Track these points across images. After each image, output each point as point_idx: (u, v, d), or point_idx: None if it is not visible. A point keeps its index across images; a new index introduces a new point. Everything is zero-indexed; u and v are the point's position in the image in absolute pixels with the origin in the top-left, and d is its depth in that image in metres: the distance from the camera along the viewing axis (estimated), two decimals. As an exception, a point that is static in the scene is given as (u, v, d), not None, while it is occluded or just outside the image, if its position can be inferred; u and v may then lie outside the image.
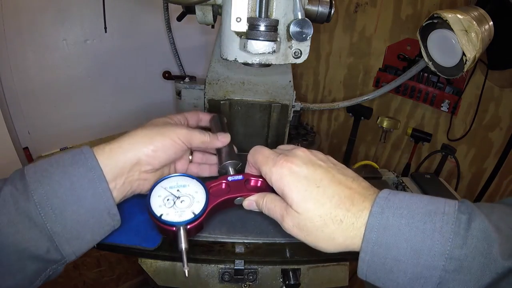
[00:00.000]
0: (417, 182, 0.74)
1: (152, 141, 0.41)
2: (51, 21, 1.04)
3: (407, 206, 0.32)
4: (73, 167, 0.36)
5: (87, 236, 0.37)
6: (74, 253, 0.37)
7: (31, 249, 0.33)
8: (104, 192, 0.37)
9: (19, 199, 0.34)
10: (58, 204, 0.34)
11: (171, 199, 0.40)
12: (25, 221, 0.33)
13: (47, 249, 0.34)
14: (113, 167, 0.38)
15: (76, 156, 0.37)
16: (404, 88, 1.27)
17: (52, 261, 0.35)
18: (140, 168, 0.41)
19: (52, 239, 0.34)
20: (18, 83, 1.03)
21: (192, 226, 0.39)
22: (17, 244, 0.33)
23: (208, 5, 0.55)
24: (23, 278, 0.34)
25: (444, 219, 0.30)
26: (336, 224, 0.34)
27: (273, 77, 0.73)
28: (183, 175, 0.44)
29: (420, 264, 0.30)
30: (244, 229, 0.52)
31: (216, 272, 0.58)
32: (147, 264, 0.58)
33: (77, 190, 0.35)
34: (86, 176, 0.36)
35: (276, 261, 0.58)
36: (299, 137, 1.41)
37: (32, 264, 0.34)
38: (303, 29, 0.44)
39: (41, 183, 0.34)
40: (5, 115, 0.98)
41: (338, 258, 0.62)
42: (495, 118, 1.11)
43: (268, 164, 0.38)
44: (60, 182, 0.35)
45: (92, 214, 0.36)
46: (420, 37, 0.75)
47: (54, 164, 0.36)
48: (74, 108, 1.17)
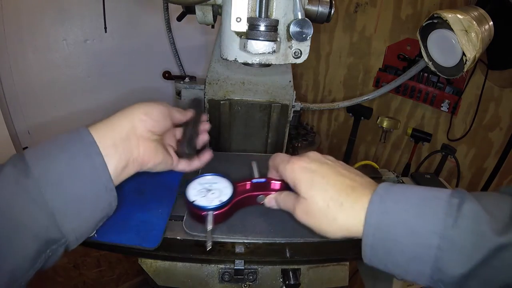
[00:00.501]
0: (417, 182, 0.74)
1: (142, 106, 0.45)
2: (51, 21, 1.04)
3: (403, 193, 0.36)
4: (70, 144, 0.38)
5: (86, 212, 0.37)
6: (73, 231, 0.37)
7: (30, 226, 0.34)
8: (101, 166, 0.38)
9: (19, 176, 0.34)
10: (57, 179, 0.35)
11: (204, 191, 0.51)
12: (25, 197, 0.34)
13: (47, 226, 0.35)
14: (109, 137, 0.40)
15: (73, 134, 0.39)
16: (404, 88, 1.27)
17: (52, 241, 0.35)
18: (137, 132, 0.43)
19: (51, 214, 0.35)
20: (18, 83, 1.03)
21: (218, 212, 0.48)
22: (18, 221, 0.33)
23: (208, 5, 0.55)
24: (24, 258, 0.34)
25: (437, 202, 0.33)
26: (337, 206, 0.38)
27: (273, 77, 0.73)
28: (215, 175, 0.54)
29: (416, 244, 0.32)
30: (244, 229, 0.52)
31: (216, 272, 0.58)
32: (147, 264, 0.58)
33: (74, 165, 0.36)
34: (83, 150, 0.37)
35: (276, 261, 0.58)
36: (299, 137, 1.41)
37: (33, 243, 0.34)
38: (303, 29, 0.44)
39: (39, 159, 0.36)
40: (5, 115, 0.98)
41: (338, 258, 0.62)
42: (495, 118, 1.11)
43: (284, 163, 0.45)
44: (58, 157, 0.36)
45: (90, 189, 0.37)
46: (420, 37, 0.75)
47: (52, 143, 0.38)
48: (74, 108, 1.17)
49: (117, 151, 0.40)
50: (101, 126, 0.41)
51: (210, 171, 0.56)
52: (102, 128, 0.41)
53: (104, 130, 0.41)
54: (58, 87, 1.11)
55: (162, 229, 0.51)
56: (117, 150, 0.40)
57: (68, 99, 1.15)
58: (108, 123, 0.42)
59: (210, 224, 0.47)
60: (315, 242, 0.53)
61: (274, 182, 0.53)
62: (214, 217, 0.48)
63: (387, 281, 0.72)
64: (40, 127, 1.11)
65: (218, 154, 0.73)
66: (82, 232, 0.38)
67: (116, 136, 0.41)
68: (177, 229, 0.52)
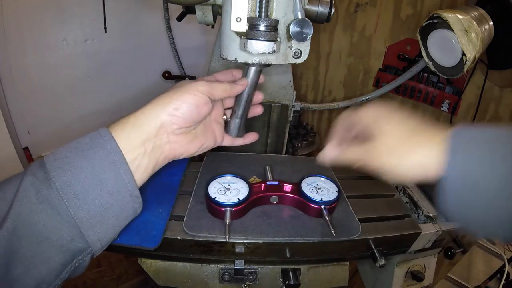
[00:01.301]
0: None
1: (171, 100, 0.40)
2: (51, 21, 1.04)
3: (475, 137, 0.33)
4: (93, 151, 0.35)
5: (111, 221, 0.36)
6: (99, 240, 0.36)
7: (54, 239, 0.33)
8: (126, 174, 0.36)
9: (41, 188, 0.33)
10: (81, 189, 0.34)
11: (223, 189, 0.55)
12: (48, 210, 0.33)
13: (72, 238, 0.33)
14: (136, 138, 0.38)
15: (95, 139, 0.36)
16: (404, 88, 1.26)
17: (78, 251, 0.34)
18: (167, 130, 0.40)
19: (76, 225, 0.33)
20: (18, 83, 1.03)
21: (236, 209, 0.52)
22: (40, 234, 0.32)
23: (208, 5, 0.55)
24: (48, 270, 0.33)
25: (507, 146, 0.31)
26: (411, 144, 0.36)
27: (273, 77, 0.73)
28: (233, 176, 0.59)
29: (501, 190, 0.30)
30: (244, 229, 0.52)
31: (216, 272, 0.58)
32: (147, 264, 0.58)
33: (98, 174, 0.35)
34: (107, 159, 0.35)
35: (276, 261, 0.58)
36: (299, 137, 1.40)
37: (57, 255, 0.33)
38: (303, 29, 0.44)
39: (62, 169, 0.34)
40: (5, 115, 0.98)
41: (338, 258, 0.62)
42: (495, 118, 1.11)
43: (354, 111, 0.44)
44: (81, 167, 0.34)
45: (115, 198, 0.36)
46: (420, 37, 0.75)
47: (73, 150, 0.36)
48: (74, 108, 1.17)
49: (145, 154, 0.38)
50: (126, 125, 0.38)
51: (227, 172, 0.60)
52: (127, 128, 0.38)
53: (129, 130, 0.38)
54: (58, 87, 1.11)
55: (162, 229, 0.51)
56: (145, 151, 0.38)
57: (68, 99, 1.15)
58: (134, 121, 0.39)
59: (229, 218, 0.51)
60: (315, 242, 0.53)
61: (286, 184, 0.59)
62: (231, 213, 0.52)
63: (387, 281, 0.72)
64: (40, 127, 1.11)
65: (218, 154, 0.73)
66: (107, 239, 0.37)
67: (143, 136, 0.38)
68: (177, 229, 0.52)
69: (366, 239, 0.56)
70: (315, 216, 0.56)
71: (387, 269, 0.72)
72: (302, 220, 0.55)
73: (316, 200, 0.55)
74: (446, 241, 0.68)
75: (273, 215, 0.56)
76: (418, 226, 0.61)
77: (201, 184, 0.62)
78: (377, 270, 0.77)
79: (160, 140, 0.40)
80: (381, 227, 0.58)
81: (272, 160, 0.71)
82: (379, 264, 0.55)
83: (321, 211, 0.54)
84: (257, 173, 0.66)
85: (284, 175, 0.66)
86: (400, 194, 0.72)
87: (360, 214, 0.59)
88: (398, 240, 0.59)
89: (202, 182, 0.62)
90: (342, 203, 0.60)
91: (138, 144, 0.38)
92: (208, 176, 0.60)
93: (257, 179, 0.64)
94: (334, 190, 0.58)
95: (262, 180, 0.60)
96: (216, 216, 0.54)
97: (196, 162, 0.71)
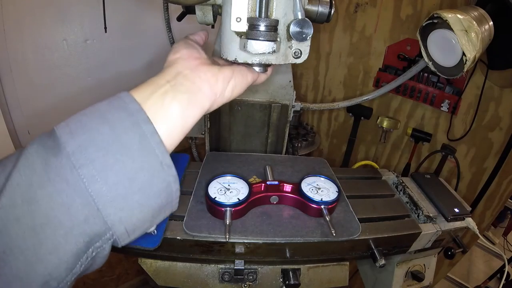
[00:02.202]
0: (417, 182, 0.74)
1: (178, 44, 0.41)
2: (51, 21, 1.04)
3: None
4: (112, 113, 0.29)
5: (136, 197, 0.28)
6: (121, 221, 0.28)
7: (63, 219, 0.25)
8: (152, 136, 0.29)
9: (47, 156, 0.26)
10: (97, 155, 0.27)
11: (223, 190, 0.55)
12: (55, 181, 0.25)
13: (85, 217, 0.26)
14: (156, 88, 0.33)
15: (113, 102, 0.30)
16: (404, 88, 1.26)
17: (94, 236, 0.27)
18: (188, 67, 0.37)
19: (91, 200, 0.26)
20: (18, 83, 1.03)
21: (236, 209, 0.52)
22: (45, 213, 0.25)
23: (208, 5, 0.55)
24: (57, 263, 0.26)
25: None
26: None
27: (273, 77, 0.73)
28: (233, 176, 0.59)
29: None
30: (244, 229, 0.52)
31: (216, 272, 0.58)
32: (147, 264, 0.58)
33: (119, 136, 0.28)
34: (128, 119, 0.29)
35: (276, 261, 0.58)
36: (299, 137, 1.40)
37: (68, 241, 0.26)
38: (303, 29, 0.44)
39: (74, 134, 0.27)
40: (5, 114, 0.98)
41: (338, 258, 0.62)
42: (495, 118, 1.11)
43: None
44: (98, 129, 0.28)
45: (140, 166, 0.28)
46: (420, 37, 0.75)
47: (88, 114, 0.29)
48: (74, 108, 1.16)
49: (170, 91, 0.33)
50: (144, 86, 0.33)
51: (227, 172, 0.60)
52: (144, 87, 0.33)
53: (146, 88, 0.33)
54: (58, 87, 1.11)
55: (162, 229, 0.51)
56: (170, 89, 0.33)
57: (68, 99, 1.15)
58: (149, 82, 0.34)
59: (229, 219, 0.51)
60: (315, 242, 0.53)
61: (286, 184, 0.58)
62: (231, 213, 0.52)
63: (387, 281, 0.72)
64: (40, 127, 1.11)
65: (218, 154, 0.73)
66: (134, 223, 0.29)
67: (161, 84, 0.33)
68: (177, 229, 0.52)
69: (366, 239, 0.56)
70: (315, 216, 0.56)
71: (387, 269, 0.72)
72: (302, 220, 0.55)
73: (316, 200, 0.55)
74: (446, 241, 0.68)
75: (273, 215, 0.56)
76: (418, 226, 0.61)
77: (201, 184, 0.62)
78: (377, 270, 0.77)
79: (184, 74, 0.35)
80: (381, 227, 0.58)
81: (272, 160, 0.71)
82: (379, 264, 0.55)
83: (321, 211, 0.54)
84: (257, 173, 0.66)
85: (284, 175, 0.66)
86: (400, 194, 0.72)
87: (360, 214, 0.59)
88: (398, 240, 0.59)
89: (202, 182, 0.62)
90: (342, 203, 0.60)
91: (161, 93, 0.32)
92: (208, 176, 0.60)
93: (257, 179, 0.64)
94: (334, 190, 0.58)
95: (262, 180, 0.60)
96: (216, 216, 0.54)
97: (196, 162, 0.72)
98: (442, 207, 0.65)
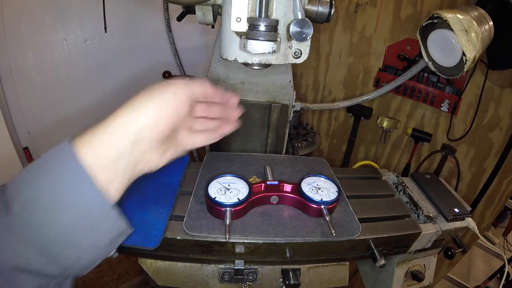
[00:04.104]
0: (417, 182, 0.74)
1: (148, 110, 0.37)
2: (51, 21, 1.04)
3: None
4: (53, 165, 0.32)
5: (85, 241, 0.32)
6: (75, 262, 0.32)
7: (25, 268, 0.30)
8: (90, 191, 0.31)
9: (0, 216, 0.30)
10: (41, 213, 0.30)
11: (223, 190, 0.55)
12: (10, 238, 0.30)
13: (43, 265, 0.30)
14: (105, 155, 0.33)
15: (54, 155, 0.33)
16: (404, 88, 1.26)
17: (53, 276, 0.31)
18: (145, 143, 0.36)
19: (43, 252, 0.30)
20: (18, 83, 1.03)
21: (236, 209, 0.52)
22: (8, 262, 0.29)
23: (208, 5, 0.55)
24: None
25: None
26: None
27: (273, 77, 0.73)
28: (233, 176, 0.59)
29: None
30: (244, 229, 0.52)
31: (216, 272, 0.58)
32: (147, 264, 0.58)
33: (61, 192, 0.31)
34: (68, 174, 0.31)
35: (276, 261, 0.58)
36: (299, 137, 1.40)
37: (31, 280, 0.30)
38: (303, 29, 0.44)
39: (19, 192, 0.31)
40: (5, 115, 0.98)
41: (338, 258, 0.62)
42: (495, 118, 1.11)
43: None
44: (41, 188, 0.31)
45: (84, 215, 0.32)
46: (420, 37, 0.75)
47: (34, 168, 0.32)
48: (74, 108, 1.17)
49: (117, 173, 0.34)
50: (95, 137, 0.33)
51: (227, 172, 0.60)
52: (95, 140, 0.33)
53: (98, 143, 0.33)
54: (58, 87, 1.11)
55: (162, 229, 0.51)
56: (117, 169, 0.34)
57: (68, 99, 1.15)
58: (104, 132, 0.34)
59: (229, 219, 0.51)
60: (315, 242, 0.53)
61: (286, 184, 0.58)
62: (231, 213, 0.52)
63: (387, 281, 0.72)
64: (40, 127, 1.11)
65: (218, 154, 0.73)
66: (88, 259, 0.33)
67: (116, 149, 0.34)
68: (177, 229, 0.52)
69: (366, 239, 0.56)
70: (315, 216, 0.56)
71: (387, 269, 0.72)
72: (302, 220, 0.55)
73: (316, 200, 0.55)
74: (446, 241, 0.68)
75: (273, 215, 0.56)
76: (418, 226, 0.61)
77: (201, 184, 0.62)
78: (377, 270, 0.77)
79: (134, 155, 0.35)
80: (381, 227, 0.58)
81: (272, 160, 0.71)
82: (379, 264, 0.55)
83: (321, 211, 0.54)
84: (257, 173, 0.66)
85: (284, 175, 0.66)
86: (400, 194, 0.72)
87: (360, 214, 0.59)
88: (398, 240, 0.59)
89: (202, 182, 0.62)
90: (342, 203, 0.60)
91: (107, 163, 0.33)
92: (208, 176, 0.60)
93: (257, 179, 0.64)
94: (334, 190, 0.58)
95: (262, 180, 0.60)
96: (216, 216, 0.54)
97: (196, 162, 0.72)
98: (442, 207, 0.65)
